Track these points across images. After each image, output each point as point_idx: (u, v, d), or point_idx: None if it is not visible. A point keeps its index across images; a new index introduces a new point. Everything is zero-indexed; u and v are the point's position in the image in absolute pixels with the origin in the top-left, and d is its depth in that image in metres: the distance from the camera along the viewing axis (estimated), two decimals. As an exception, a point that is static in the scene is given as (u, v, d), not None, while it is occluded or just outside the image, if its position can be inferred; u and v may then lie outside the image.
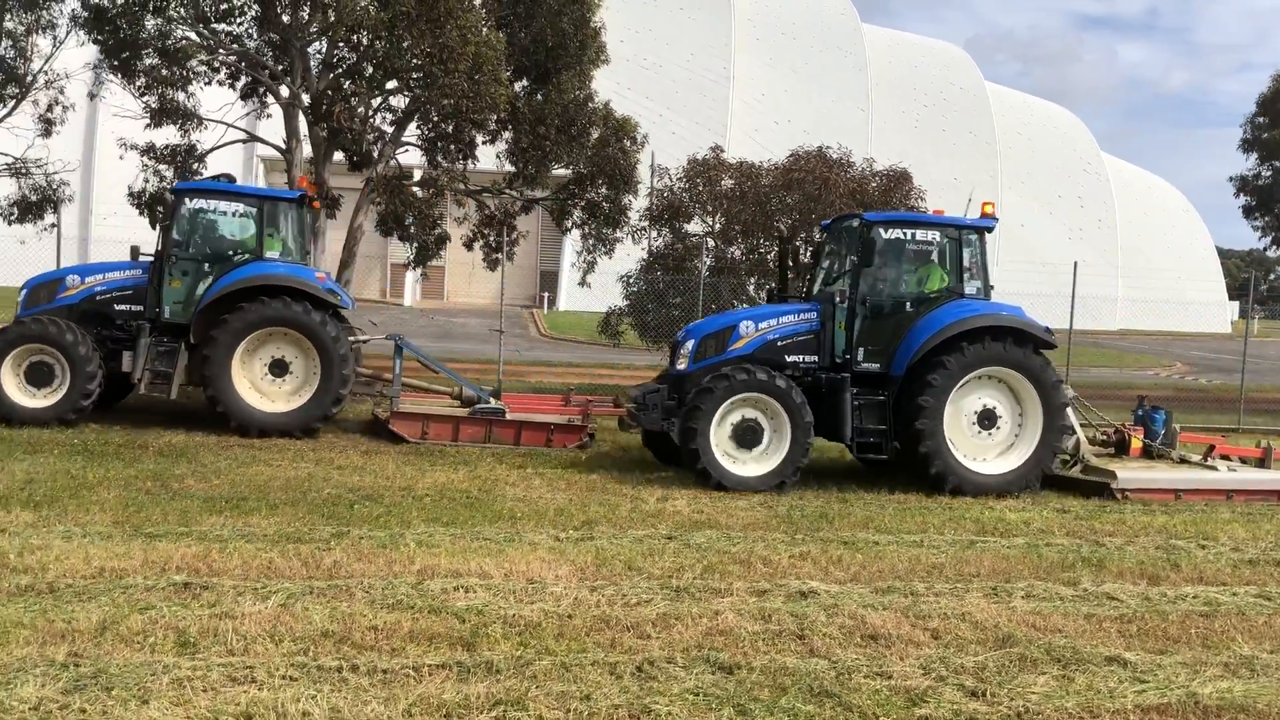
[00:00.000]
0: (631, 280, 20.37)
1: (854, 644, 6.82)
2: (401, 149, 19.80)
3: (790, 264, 14.68)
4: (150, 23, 17.78)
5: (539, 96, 19.11)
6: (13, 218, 20.24)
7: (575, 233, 21.51)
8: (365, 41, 17.20)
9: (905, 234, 12.73)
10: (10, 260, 24.32)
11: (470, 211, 20.66)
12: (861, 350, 12.46)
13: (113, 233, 31.60)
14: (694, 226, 20.67)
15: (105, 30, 17.82)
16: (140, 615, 6.59)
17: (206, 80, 19.25)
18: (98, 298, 14.49)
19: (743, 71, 53.08)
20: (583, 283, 21.42)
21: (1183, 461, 13.38)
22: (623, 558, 8.65)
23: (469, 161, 19.71)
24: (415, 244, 19.72)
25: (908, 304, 12.60)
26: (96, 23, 17.81)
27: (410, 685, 5.74)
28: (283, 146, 19.44)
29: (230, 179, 15.46)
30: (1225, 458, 13.54)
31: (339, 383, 14.03)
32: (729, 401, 11.94)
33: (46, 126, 20.39)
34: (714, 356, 12.53)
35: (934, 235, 12.80)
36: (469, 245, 20.85)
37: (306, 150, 19.37)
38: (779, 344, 12.60)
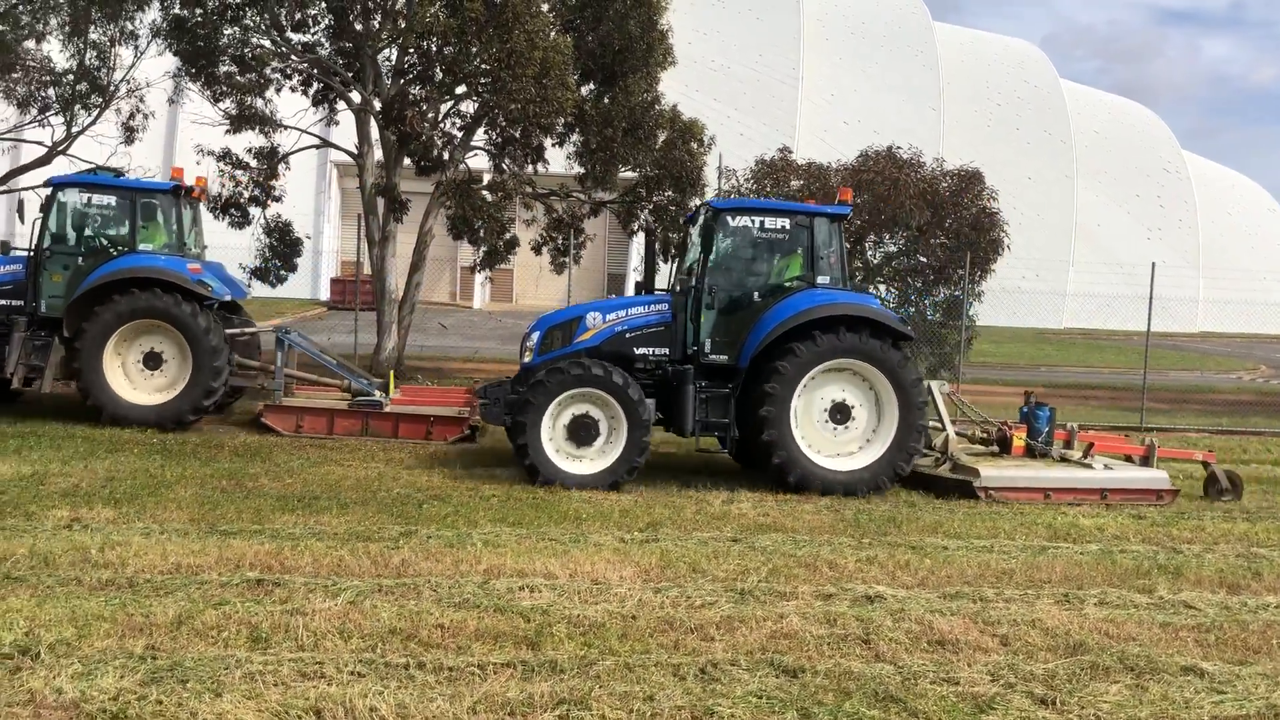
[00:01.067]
0: (698, 282, 20.30)
1: (920, 649, 6.74)
2: (471, 153, 20.00)
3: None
4: (227, 31, 18.21)
5: (606, 99, 19.17)
6: (97, 223, 20.82)
7: (642, 235, 21.52)
8: (434, 48, 17.42)
9: (753, 222, 12.29)
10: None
11: (539, 215, 20.79)
12: (709, 342, 12.00)
13: (192, 237, 32.34)
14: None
15: (185, 40, 18.27)
16: (215, 610, 6.76)
17: (278, 87, 19.64)
18: None
19: (811, 72, 52.72)
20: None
21: (1063, 460, 12.63)
22: (687, 560, 8.65)
23: (537, 165, 19.85)
24: (484, 247, 19.90)
25: (756, 294, 12.17)
26: (176, 32, 18.28)
27: (475, 683, 5.81)
28: (355, 152, 19.77)
29: (118, 173, 15.63)
30: (1129, 459, 12.82)
31: (210, 375, 13.92)
32: (562, 397, 11.53)
33: (128, 134, 20.95)
34: (560, 349, 12.13)
35: (784, 223, 12.26)
36: (538, 249, 20.99)
37: (378, 155, 19.67)
38: (628, 336, 12.16)
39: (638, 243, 25.52)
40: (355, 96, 19.00)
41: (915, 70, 54.45)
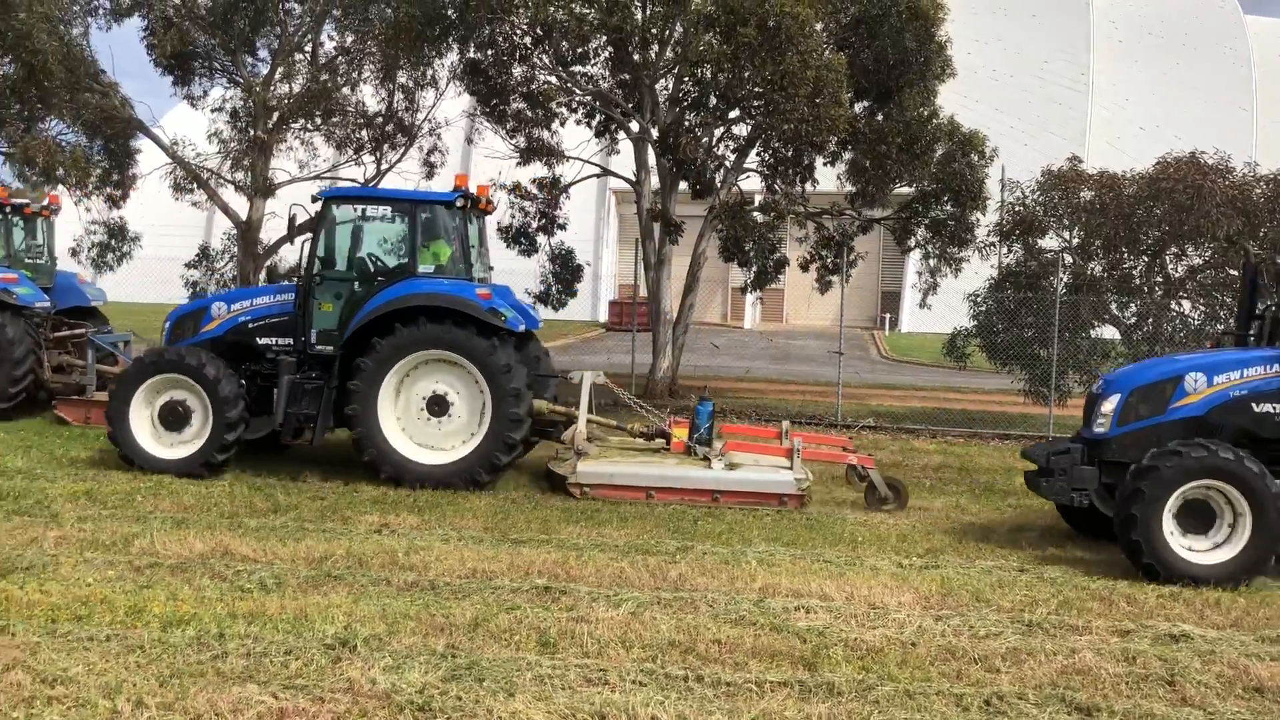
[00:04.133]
0: (980, 299, 19.60)
1: (1234, 695, 6.19)
2: (743, 175, 20.24)
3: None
4: (517, 70, 19.34)
5: (880, 116, 18.89)
6: (401, 253, 22.64)
7: (917, 252, 21.04)
8: (709, 74, 17.78)
9: (357, 210, 12.32)
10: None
11: (809, 233, 20.75)
12: (315, 332, 11.94)
13: (483, 264, 34.49)
14: (1049, 242, 19.59)
15: (479, 80, 19.59)
16: (507, 614, 7.16)
17: (562, 120, 20.66)
18: None
19: (1102, 76, 49.75)
20: (923, 304, 20.88)
21: (705, 459, 11.72)
22: (970, 588, 8.34)
23: (808, 184, 19.81)
24: (755, 268, 20.06)
25: (357, 284, 11.99)
26: (471, 74, 19.63)
27: (752, 700, 5.85)
28: (633, 179, 20.46)
29: None
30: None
31: (10, 368, 14.85)
32: (149, 383, 11.79)
33: (429, 170, 22.66)
34: (189, 338, 12.43)
35: (387, 211, 12.31)
36: (805, 267, 20.93)
37: (655, 181, 20.27)
38: (250, 326, 12.29)
39: (913, 259, 24.87)
40: (634, 125, 19.67)
41: (1223, 68, 50.28)
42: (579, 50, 19.11)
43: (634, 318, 22.62)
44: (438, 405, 11.70)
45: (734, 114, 18.86)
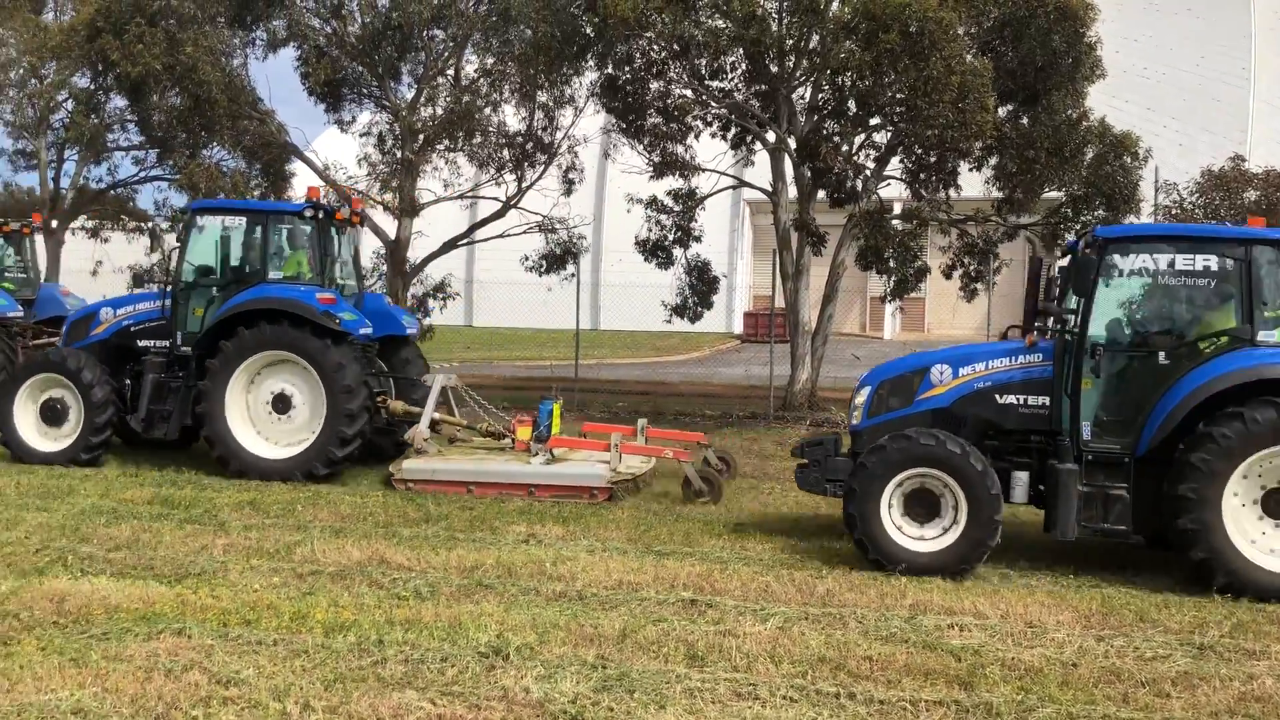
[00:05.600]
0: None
1: None
2: (883, 183, 19.90)
3: None
4: (653, 86, 19.47)
5: (1026, 119, 18.35)
6: (541, 269, 23.04)
7: (1064, 256, 20.33)
8: (849, 82, 17.57)
9: (220, 220, 13.11)
10: (539, 305, 27.75)
11: (953, 240, 20.28)
12: (181, 334, 12.90)
13: (618, 277, 34.86)
14: (1208, 246, 18.66)
15: (615, 97, 19.80)
16: (654, 626, 7.18)
17: (697, 134, 20.69)
18: None
19: (1266, 69, 47.17)
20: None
21: (536, 455, 12.14)
22: (1133, 607, 8.00)
23: (951, 190, 19.37)
24: (895, 277, 19.70)
25: (216, 289, 12.86)
26: (609, 91, 19.84)
27: (907, 718, 5.72)
28: (769, 190, 20.36)
29: None
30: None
31: None
32: (33, 381, 12.85)
33: (568, 186, 23.00)
34: (80, 341, 13.35)
35: (242, 221, 13.02)
36: (948, 274, 20.44)
37: (792, 191, 20.12)
38: (132, 329, 13.24)
39: (1061, 265, 24.06)
40: (770, 136, 19.58)
41: (1400, 55, 47.07)
42: (715, 64, 19.12)
43: (771, 329, 22.44)
44: (281, 403, 12.51)
45: (874, 121, 18.59)
